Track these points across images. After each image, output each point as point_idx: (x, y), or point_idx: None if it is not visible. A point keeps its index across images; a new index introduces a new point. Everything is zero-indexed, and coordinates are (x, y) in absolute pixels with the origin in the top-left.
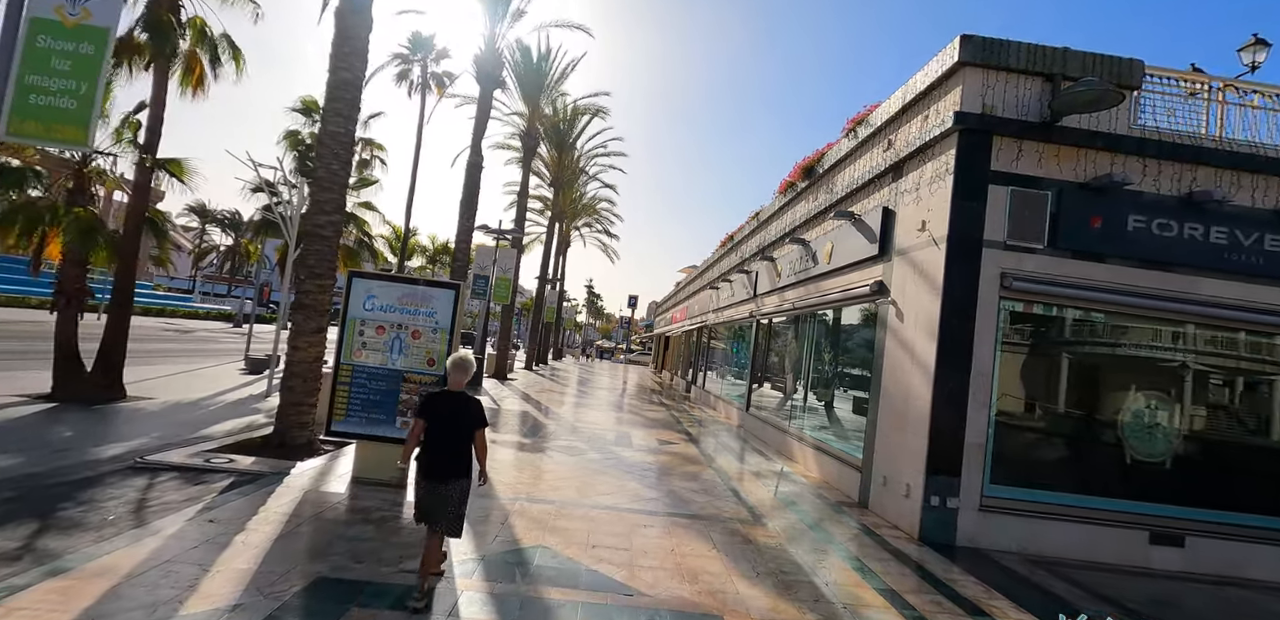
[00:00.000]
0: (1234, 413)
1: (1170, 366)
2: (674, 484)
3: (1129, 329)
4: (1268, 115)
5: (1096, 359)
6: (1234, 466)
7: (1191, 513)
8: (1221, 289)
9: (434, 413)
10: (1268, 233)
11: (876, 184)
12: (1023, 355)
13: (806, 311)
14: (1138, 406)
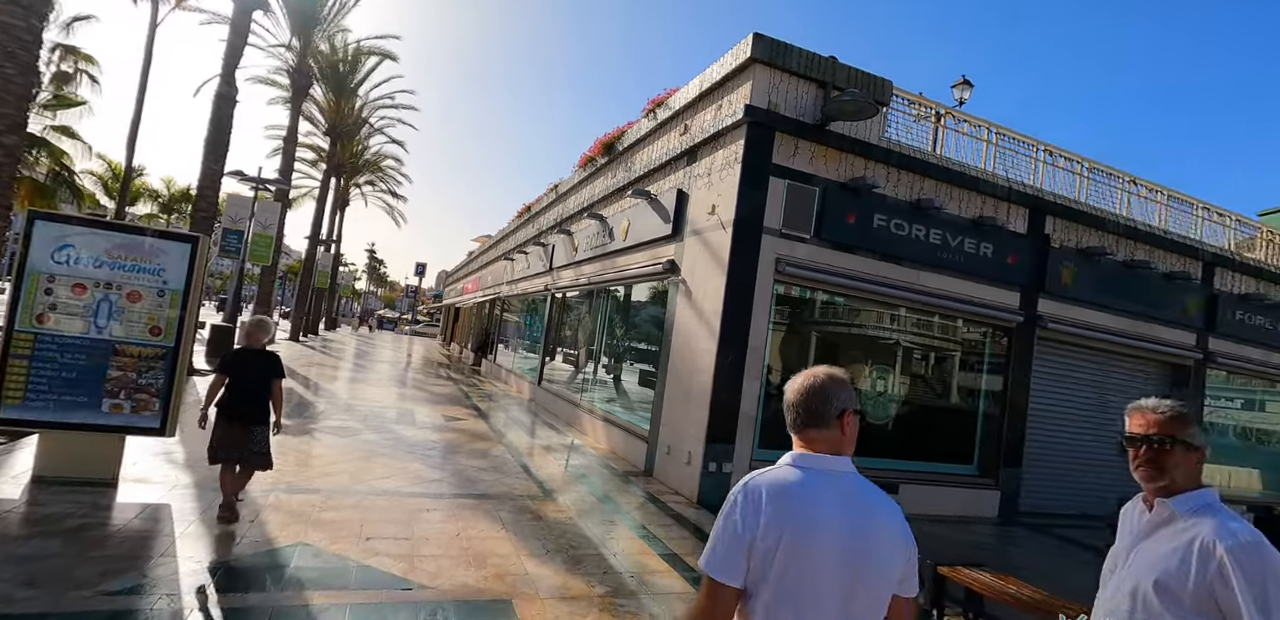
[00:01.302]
0: (929, 381)
1: (889, 344)
2: (461, 463)
3: (862, 311)
4: (970, 141)
5: (838, 337)
6: (931, 425)
7: (905, 465)
8: (935, 281)
9: (236, 367)
10: (967, 237)
11: (673, 166)
12: (783, 332)
13: (602, 286)
14: (869, 377)
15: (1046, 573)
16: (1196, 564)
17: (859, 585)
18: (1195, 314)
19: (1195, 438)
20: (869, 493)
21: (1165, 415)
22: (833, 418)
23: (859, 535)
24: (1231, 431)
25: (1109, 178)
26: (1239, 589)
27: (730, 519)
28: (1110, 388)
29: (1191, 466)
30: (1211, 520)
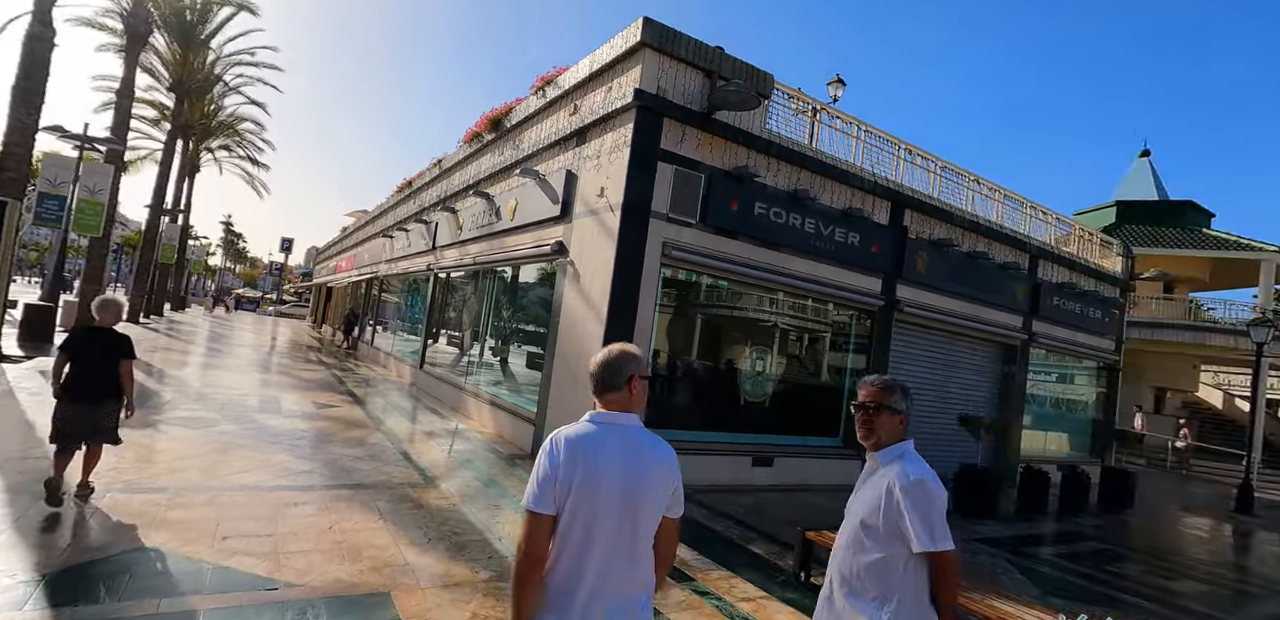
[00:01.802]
0: (803, 361)
1: (768, 326)
2: (334, 452)
3: (743, 295)
4: (842, 137)
5: (722, 319)
6: (803, 402)
7: (779, 439)
8: (809, 267)
9: (80, 347)
10: (837, 227)
11: (562, 146)
12: (670, 314)
13: (488, 267)
14: (751, 358)
15: None
16: (885, 502)
17: (634, 509)
18: (1023, 300)
19: (898, 404)
20: (645, 440)
21: (877, 387)
22: (623, 383)
23: (634, 472)
24: (1048, 402)
25: (957, 176)
26: (908, 516)
27: (540, 464)
28: (954, 365)
29: (894, 427)
30: (897, 466)
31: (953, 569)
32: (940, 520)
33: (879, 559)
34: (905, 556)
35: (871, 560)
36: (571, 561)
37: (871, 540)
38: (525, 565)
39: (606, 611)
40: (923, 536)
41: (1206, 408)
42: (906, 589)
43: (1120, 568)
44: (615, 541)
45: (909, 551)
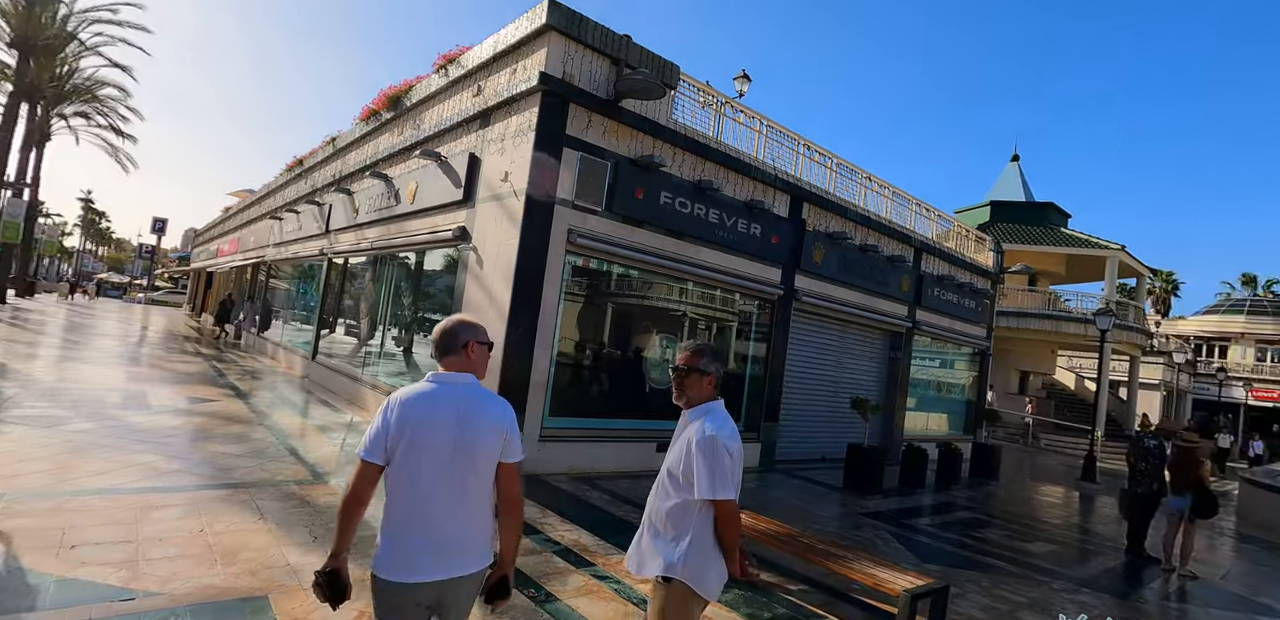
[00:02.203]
0: (726, 350)
1: (675, 314)
2: (211, 450)
3: (651, 284)
4: (746, 131)
5: (631, 308)
6: None
7: None
8: (713, 257)
9: None
10: (740, 218)
11: (465, 128)
12: (579, 303)
13: (387, 252)
14: (656, 345)
15: (792, 506)
16: (684, 453)
17: (465, 456)
18: (908, 290)
19: (706, 366)
20: (478, 395)
21: (688, 352)
22: (459, 347)
23: (463, 423)
24: (928, 385)
25: (852, 173)
26: (696, 467)
27: (375, 420)
28: (847, 351)
29: (704, 387)
30: (699, 423)
31: (732, 516)
32: (724, 473)
33: (677, 504)
34: (700, 503)
35: (671, 505)
36: (405, 503)
37: (673, 487)
38: (349, 503)
39: (443, 543)
40: (704, 486)
41: (1062, 388)
42: (698, 532)
43: (985, 534)
44: (446, 485)
45: (704, 500)
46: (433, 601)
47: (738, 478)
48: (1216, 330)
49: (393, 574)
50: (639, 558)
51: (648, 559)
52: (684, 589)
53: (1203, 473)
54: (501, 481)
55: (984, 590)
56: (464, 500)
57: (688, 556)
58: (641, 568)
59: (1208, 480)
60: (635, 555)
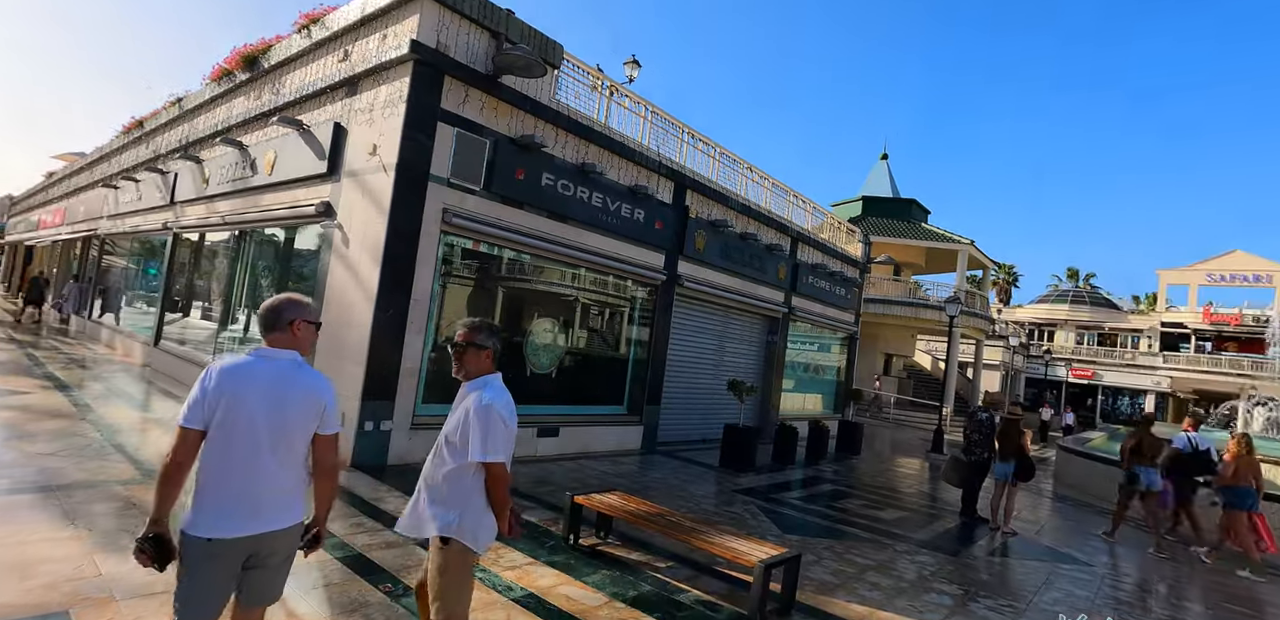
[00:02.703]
0: (591, 333)
1: (558, 298)
2: (20, 449)
3: (534, 267)
4: (632, 116)
5: (514, 292)
6: (590, 372)
7: (565, 409)
8: (597, 241)
9: None
10: (624, 203)
11: (330, 95)
12: (460, 287)
13: (242, 228)
14: (539, 330)
15: (670, 486)
16: (461, 421)
17: (279, 426)
18: (785, 278)
19: (484, 342)
20: (298, 371)
21: (466, 328)
22: (285, 324)
23: (279, 396)
24: (805, 368)
25: (734, 163)
26: (473, 432)
27: (194, 388)
28: (728, 336)
29: (482, 361)
30: (477, 393)
31: (502, 478)
32: (496, 438)
33: (453, 469)
34: (474, 468)
35: (448, 470)
36: (219, 468)
37: (450, 453)
38: (169, 470)
39: (254, 503)
40: (477, 449)
41: (920, 369)
42: (473, 496)
43: (845, 504)
44: (259, 452)
45: (477, 464)
46: (245, 556)
47: (510, 445)
48: (1046, 317)
49: (201, 530)
50: (415, 521)
51: (425, 522)
52: (461, 548)
53: (1024, 441)
54: (318, 451)
55: (837, 556)
56: (276, 467)
57: (464, 518)
58: (419, 530)
59: (1028, 448)
60: (411, 519)
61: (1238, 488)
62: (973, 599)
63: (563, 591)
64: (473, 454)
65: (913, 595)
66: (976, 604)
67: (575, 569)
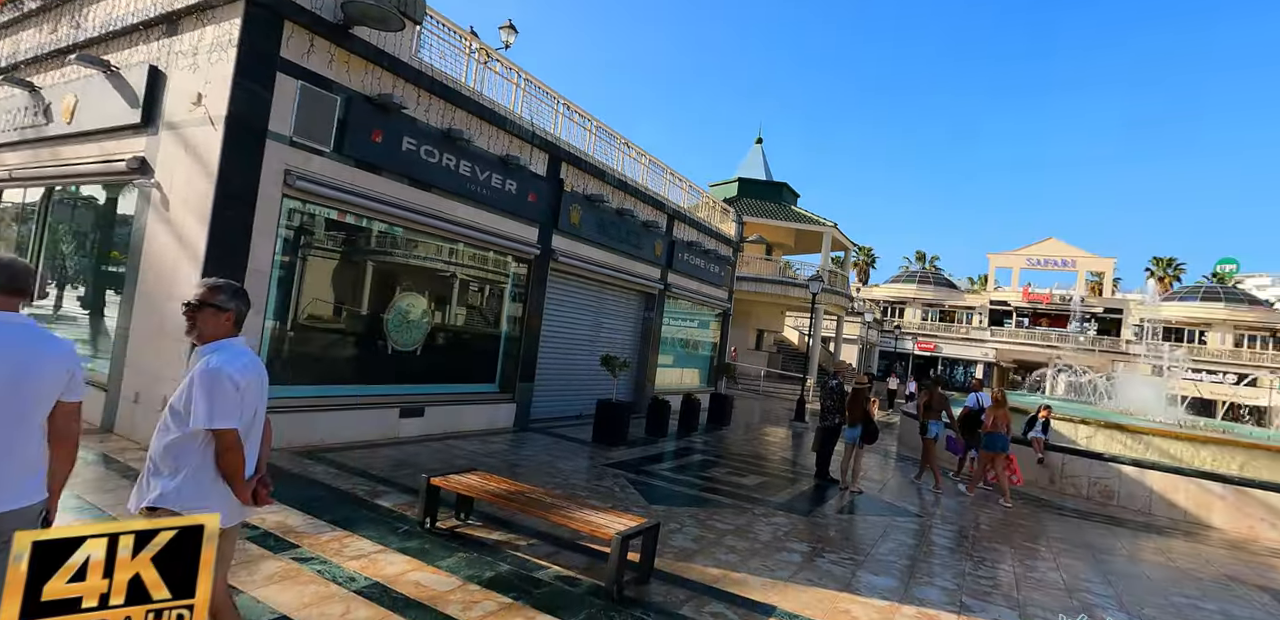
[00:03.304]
0: (458, 308)
1: (423, 272)
2: None
3: (399, 239)
4: (503, 82)
5: (373, 264)
6: (458, 349)
7: (431, 388)
8: (465, 212)
9: None
10: (495, 172)
11: (145, 34)
12: (313, 258)
13: (33, 185)
14: (401, 305)
15: (541, 463)
16: (187, 387)
17: (20, 392)
18: (661, 254)
19: (225, 303)
20: (36, 334)
21: (205, 287)
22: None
23: (20, 362)
24: (680, 343)
25: (611, 137)
26: (196, 397)
27: None
28: (604, 312)
29: (220, 323)
30: (207, 357)
31: (232, 444)
32: (223, 404)
33: (177, 438)
34: (201, 436)
35: (171, 440)
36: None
37: (174, 422)
38: None
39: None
40: (201, 415)
41: (789, 344)
42: (196, 463)
43: (712, 473)
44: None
45: (205, 433)
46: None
47: (247, 411)
48: (897, 296)
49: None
50: (137, 497)
51: (144, 494)
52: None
53: (870, 408)
54: (59, 420)
55: (699, 523)
56: (13, 437)
57: (182, 488)
58: (136, 504)
59: (874, 413)
60: (135, 495)
61: (995, 434)
62: (819, 555)
63: (412, 578)
64: (196, 420)
65: (766, 555)
66: (822, 559)
67: (429, 554)
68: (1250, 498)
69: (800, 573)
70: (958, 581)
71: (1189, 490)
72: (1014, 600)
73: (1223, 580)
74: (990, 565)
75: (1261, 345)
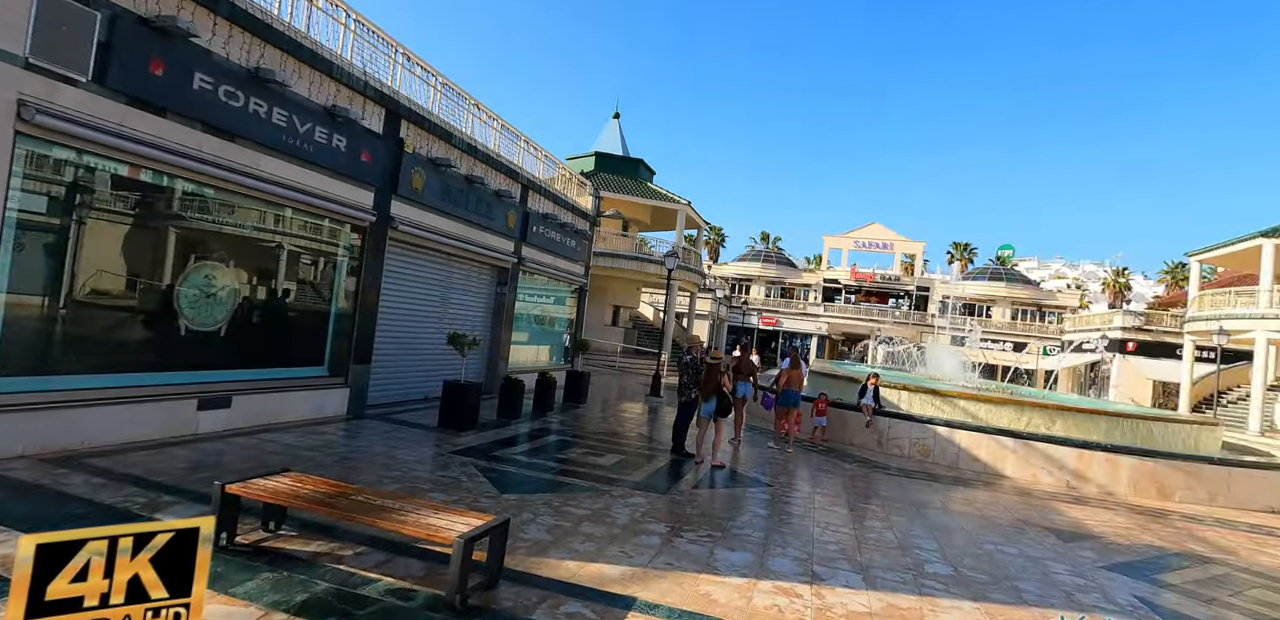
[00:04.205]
0: (276, 281)
1: (229, 239)
2: None
3: (193, 198)
4: (328, 21)
5: (176, 230)
6: (276, 328)
7: (239, 374)
8: (281, 168)
9: None
10: (319, 125)
11: None
12: (98, 222)
13: None
14: (197, 277)
15: (376, 454)
16: None
17: None
18: (514, 226)
19: None
20: None
21: None
22: None
23: None
24: (535, 319)
25: (459, 97)
26: None
27: None
28: (452, 286)
29: None
30: None
31: None
32: None
33: None
34: None
35: None
36: None
37: None
38: None
39: None
40: None
41: (645, 320)
42: None
43: (568, 454)
44: None
45: None
46: None
47: None
48: (744, 273)
49: None
50: None
51: None
52: None
53: (723, 381)
54: None
55: (554, 510)
56: None
57: None
58: None
59: (726, 387)
60: None
61: (787, 391)
62: (678, 534)
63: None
64: None
65: (624, 540)
66: (680, 539)
67: (224, 579)
68: (1034, 450)
69: (659, 557)
70: (807, 550)
71: (989, 446)
72: (858, 563)
73: (1019, 525)
74: (834, 529)
75: (1031, 318)
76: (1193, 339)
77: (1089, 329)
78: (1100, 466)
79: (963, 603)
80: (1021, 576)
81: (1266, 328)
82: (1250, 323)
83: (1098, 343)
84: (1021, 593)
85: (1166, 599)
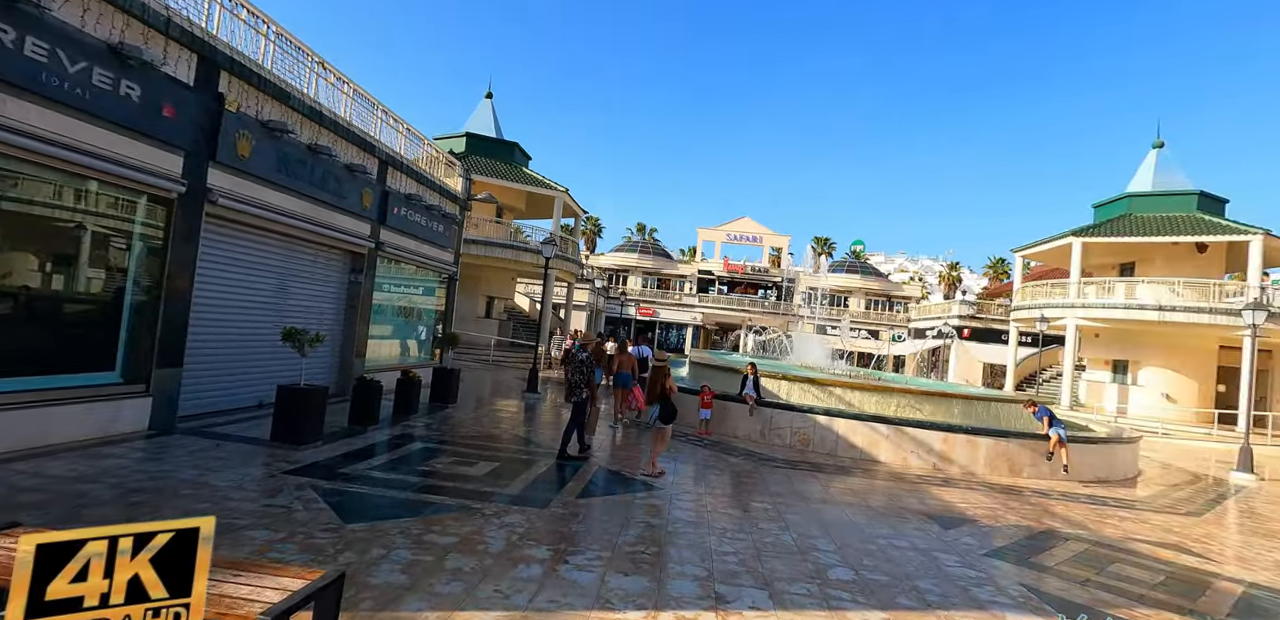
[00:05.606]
0: (44, 267)
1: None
2: None
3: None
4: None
5: None
6: (51, 327)
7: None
8: (39, 116)
9: None
10: (99, 66)
11: None
12: None
13: None
14: None
15: (180, 482)
16: None
17: None
18: (371, 206)
19: None
20: None
21: None
22: None
23: None
24: (399, 312)
25: (300, 53)
26: None
27: None
28: (294, 274)
29: None
30: None
31: None
32: None
33: None
34: None
35: None
36: None
37: None
38: None
39: None
40: None
41: (520, 311)
42: None
43: (433, 464)
44: None
45: None
46: None
47: None
48: (621, 264)
49: None
50: None
51: None
52: None
53: (669, 385)
54: None
55: (413, 541)
56: None
57: None
58: None
59: (671, 392)
60: None
61: (620, 373)
62: (563, 560)
63: None
64: None
65: (499, 575)
66: (566, 565)
67: None
68: (905, 435)
69: (542, 593)
70: (707, 565)
71: (864, 432)
72: (761, 577)
73: (902, 514)
74: (731, 537)
75: (882, 308)
76: (1017, 325)
77: (932, 317)
78: (962, 448)
79: (871, 614)
80: (919, 575)
81: (1076, 315)
82: (1062, 310)
83: (941, 329)
84: (923, 593)
85: (1050, 585)
